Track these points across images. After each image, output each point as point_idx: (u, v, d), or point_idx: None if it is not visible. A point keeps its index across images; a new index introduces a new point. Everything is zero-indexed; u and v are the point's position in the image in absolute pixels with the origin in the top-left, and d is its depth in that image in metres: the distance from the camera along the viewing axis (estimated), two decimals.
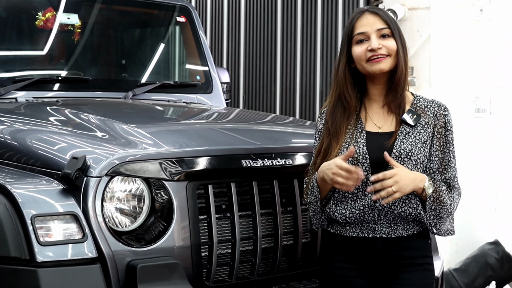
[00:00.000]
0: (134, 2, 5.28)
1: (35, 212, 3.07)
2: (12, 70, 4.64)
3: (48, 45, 4.83)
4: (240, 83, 8.44)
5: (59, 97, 4.56)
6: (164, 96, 4.98)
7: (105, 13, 5.18)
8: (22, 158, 3.51)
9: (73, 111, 4.07)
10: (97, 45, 5.11)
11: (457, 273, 6.16)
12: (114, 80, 5.15)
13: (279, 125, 4.53)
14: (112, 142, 3.48)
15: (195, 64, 5.48)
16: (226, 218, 3.50)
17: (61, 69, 4.88)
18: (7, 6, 4.77)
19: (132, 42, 5.40)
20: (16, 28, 4.81)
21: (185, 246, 3.34)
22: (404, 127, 3.11)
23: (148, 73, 5.24)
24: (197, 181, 3.40)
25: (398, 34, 3.12)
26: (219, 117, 4.58)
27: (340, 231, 3.17)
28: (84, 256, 3.10)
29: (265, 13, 8.14)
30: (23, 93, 4.46)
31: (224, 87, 5.48)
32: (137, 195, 3.31)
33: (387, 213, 3.08)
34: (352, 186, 2.97)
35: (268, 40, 8.12)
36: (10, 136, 3.69)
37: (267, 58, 8.16)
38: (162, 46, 5.43)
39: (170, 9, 5.43)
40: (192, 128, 4.07)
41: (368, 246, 3.12)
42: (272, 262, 3.64)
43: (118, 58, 5.33)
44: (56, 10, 4.82)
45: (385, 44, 3.09)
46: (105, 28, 5.20)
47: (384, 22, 3.12)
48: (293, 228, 3.69)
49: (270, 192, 3.63)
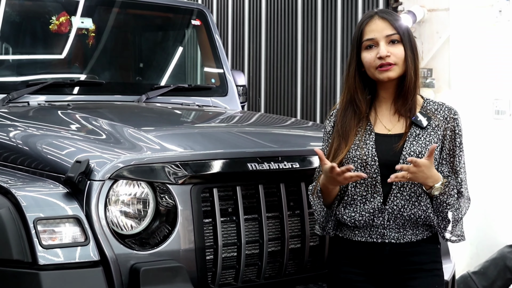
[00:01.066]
0: (148, 6, 5.29)
1: (37, 216, 3.09)
2: (26, 74, 4.67)
3: (62, 49, 4.86)
4: (261, 86, 8.44)
5: (73, 101, 4.59)
6: (179, 99, 4.99)
7: (119, 17, 5.20)
8: (29, 161, 3.53)
9: (82, 115, 4.09)
10: (111, 48, 5.13)
11: (476, 276, 6.10)
12: (128, 84, 5.16)
13: (288, 128, 4.51)
14: (117, 145, 3.49)
15: (210, 67, 5.48)
16: (232, 222, 3.50)
17: (74, 73, 4.91)
18: (21, 11, 4.81)
19: (147, 46, 5.42)
20: (30, 32, 4.85)
21: (189, 249, 3.34)
22: (414, 129, 3.09)
23: (162, 77, 5.26)
24: (202, 185, 3.40)
25: (408, 40, 3.09)
26: (229, 120, 4.58)
27: (348, 235, 3.16)
28: (86, 259, 3.11)
29: (286, 16, 8.13)
30: (37, 96, 4.49)
31: (240, 90, 5.47)
32: (141, 198, 3.32)
33: (397, 216, 3.06)
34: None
35: (289, 43, 8.11)
36: (17, 139, 3.72)
37: (288, 61, 8.14)
38: (177, 49, 5.45)
39: (185, 12, 5.44)
40: (199, 132, 4.07)
41: (377, 251, 3.10)
42: (279, 265, 3.62)
43: (133, 61, 5.35)
44: (70, 15, 4.84)
45: (393, 52, 3.06)
46: (119, 31, 5.22)
47: (393, 27, 3.08)
48: (300, 232, 3.68)
49: (276, 196, 3.62)
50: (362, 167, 3.06)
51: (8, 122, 4.00)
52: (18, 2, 4.79)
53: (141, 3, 5.29)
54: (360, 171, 3.05)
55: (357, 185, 3.10)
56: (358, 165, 3.07)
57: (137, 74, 5.32)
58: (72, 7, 4.90)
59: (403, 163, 3.02)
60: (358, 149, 3.08)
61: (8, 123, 3.99)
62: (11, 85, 4.53)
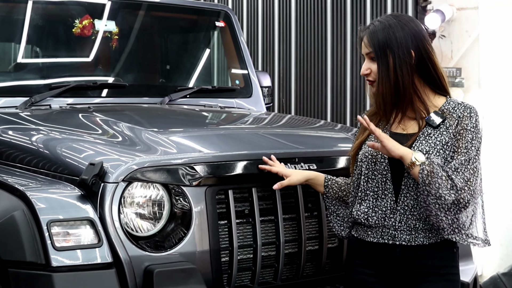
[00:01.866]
0: (172, 8, 5.30)
1: (51, 218, 3.11)
2: (49, 77, 4.71)
3: (85, 52, 4.90)
4: (292, 87, 8.42)
5: (95, 103, 4.61)
6: (202, 101, 4.99)
7: (143, 19, 5.21)
8: (47, 164, 3.55)
9: (102, 118, 4.11)
10: (134, 51, 5.15)
11: (505, 278, 6.02)
12: (151, 86, 5.18)
13: (307, 129, 4.49)
14: (132, 148, 3.51)
15: (234, 68, 5.48)
16: (248, 223, 3.49)
17: (97, 76, 4.94)
18: (44, 14, 4.84)
19: (171, 48, 5.43)
20: (53, 36, 4.89)
21: (203, 251, 3.34)
22: (426, 129, 3.07)
23: (186, 79, 5.27)
24: (217, 186, 3.40)
25: (383, 56, 3.07)
26: (248, 122, 4.57)
27: (362, 235, 3.16)
28: (99, 261, 3.12)
29: (316, 16, 8.10)
30: (60, 99, 4.51)
31: (265, 91, 5.46)
32: (155, 200, 3.32)
33: (408, 217, 3.03)
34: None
35: (319, 44, 8.08)
36: (36, 142, 3.75)
37: (318, 63, 8.12)
38: (201, 51, 5.45)
39: (209, 14, 5.45)
40: (216, 133, 4.06)
41: (388, 253, 3.09)
42: (296, 267, 3.61)
43: (156, 63, 5.36)
44: (93, 18, 4.87)
45: (373, 68, 3.11)
46: (143, 34, 5.24)
47: (368, 45, 3.12)
48: (318, 233, 3.66)
49: (294, 197, 3.60)
50: (373, 163, 3.11)
51: (28, 125, 4.03)
52: (41, 6, 4.82)
53: (165, 5, 5.31)
54: (371, 167, 3.10)
55: (369, 180, 3.12)
56: (369, 160, 3.11)
57: (161, 76, 5.34)
58: (95, 10, 4.93)
59: None
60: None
61: (28, 126, 4.02)
62: (33, 88, 4.56)
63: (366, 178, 3.12)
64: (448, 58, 6.69)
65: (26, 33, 4.71)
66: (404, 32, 3.07)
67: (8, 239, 3.15)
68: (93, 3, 4.98)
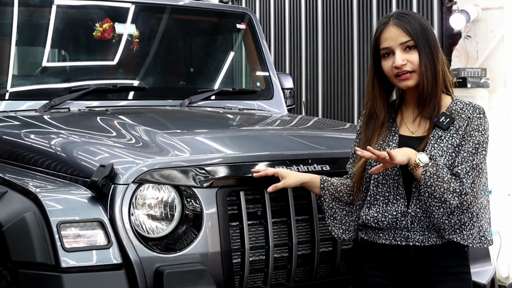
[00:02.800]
0: (192, 11, 5.32)
1: (61, 219, 3.13)
2: (69, 80, 4.75)
3: (106, 55, 4.95)
4: (319, 90, 8.40)
5: (115, 106, 4.64)
6: (223, 103, 4.99)
7: (163, 22, 5.24)
8: (60, 166, 3.58)
9: (118, 120, 4.14)
10: (155, 54, 5.16)
11: None
12: (171, 88, 5.20)
13: (323, 130, 4.48)
14: (144, 150, 3.52)
15: (255, 70, 5.48)
16: (260, 225, 3.49)
17: (117, 79, 4.97)
18: (65, 18, 4.89)
19: (191, 50, 5.45)
20: (73, 39, 4.93)
21: (215, 252, 3.34)
22: (436, 131, 3.03)
23: (206, 81, 5.28)
24: (228, 188, 3.40)
25: (425, 43, 3.03)
26: (262, 124, 4.57)
27: (373, 238, 3.14)
28: (108, 262, 3.14)
29: (342, 19, 8.08)
30: (80, 102, 4.56)
31: (287, 93, 5.45)
32: (166, 202, 3.33)
33: (420, 219, 3.01)
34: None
35: (345, 46, 8.06)
36: (52, 145, 3.78)
37: (345, 65, 8.10)
38: (222, 53, 5.46)
39: (230, 16, 5.46)
40: (229, 135, 4.05)
41: (401, 254, 3.06)
42: (310, 269, 3.60)
43: (177, 66, 5.39)
44: (114, 21, 4.91)
45: (410, 58, 3.03)
46: (163, 37, 5.25)
47: (407, 34, 3.03)
48: (330, 235, 3.63)
49: (306, 198, 3.59)
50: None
51: (45, 128, 4.07)
52: (62, 10, 4.87)
53: (185, 8, 5.33)
54: (382, 172, 3.06)
55: (379, 185, 3.09)
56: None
57: (181, 78, 5.36)
58: (116, 13, 4.96)
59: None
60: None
61: (45, 129, 4.06)
62: (54, 92, 4.61)
63: (376, 183, 3.09)
64: (473, 59, 6.63)
65: (47, 37, 4.76)
66: (431, 27, 3.08)
67: (18, 240, 3.18)
68: (113, 6, 5.01)
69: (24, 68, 4.98)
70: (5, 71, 4.64)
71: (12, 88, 4.60)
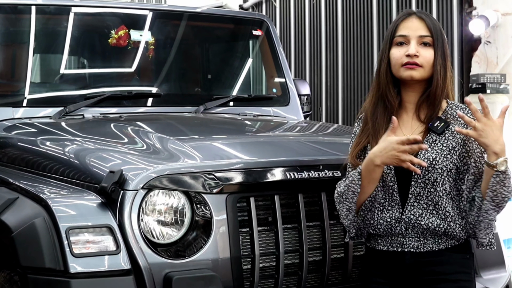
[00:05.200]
0: (209, 17, 5.34)
1: (70, 225, 3.15)
2: (84, 87, 4.79)
3: (121, 62, 4.97)
4: (339, 96, 8.39)
5: (130, 113, 4.66)
6: (238, 109, 4.99)
7: (179, 29, 5.25)
8: (72, 172, 3.60)
9: (131, 127, 4.15)
10: (171, 61, 5.18)
11: None
12: (186, 95, 5.20)
13: (335, 136, 4.45)
14: (154, 156, 3.53)
15: (272, 76, 5.47)
16: (271, 231, 3.48)
17: (133, 86, 4.99)
18: (81, 25, 4.92)
19: (207, 57, 5.46)
20: (89, 46, 4.96)
21: (224, 258, 3.33)
22: (431, 135, 3.02)
23: (222, 87, 5.29)
24: (238, 194, 3.40)
25: (441, 45, 3.03)
26: (275, 130, 4.56)
27: (373, 245, 3.15)
28: (117, 267, 3.14)
29: (362, 25, 8.07)
30: (95, 109, 4.58)
31: (304, 99, 5.44)
32: (176, 208, 3.33)
33: (414, 225, 3.00)
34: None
35: (365, 53, 8.05)
36: (65, 151, 3.80)
37: (365, 71, 8.08)
38: (238, 60, 5.46)
39: (246, 23, 5.46)
40: (241, 141, 4.04)
41: (397, 261, 3.06)
42: (321, 275, 3.58)
43: (192, 73, 5.40)
44: (129, 28, 4.93)
45: (423, 53, 3.02)
46: (179, 44, 5.27)
47: (428, 29, 3.03)
48: (342, 241, 3.62)
49: (318, 205, 3.57)
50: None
51: (58, 135, 4.10)
52: (78, 17, 4.90)
53: (201, 15, 5.35)
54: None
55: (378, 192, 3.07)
56: None
57: (196, 85, 5.36)
58: (131, 20, 4.99)
59: None
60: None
61: (59, 135, 4.08)
62: (69, 99, 4.64)
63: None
64: (493, 64, 6.58)
65: (63, 44, 4.81)
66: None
67: (28, 246, 3.20)
68: (129, 14, 5.04)
69: (41, 75, 5.03)
70: (22, 78, 4.69)
71: (29, 95, 4.64)
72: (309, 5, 8.71)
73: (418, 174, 2.95)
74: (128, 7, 5.14)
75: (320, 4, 8.54)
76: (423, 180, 2.97)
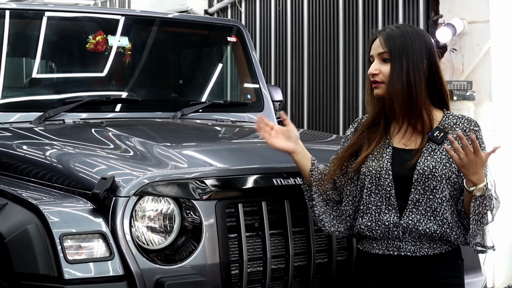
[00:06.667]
0: (184, 23, 5.37)
1: (64, 231, 3.16)
2: (63, 92, 4.79)
3: (99, 67, 4.97)
4: (304, 102, 8.46)
5: (108, 118, 4.67)
6: (214, 115, 5.04)
7: (155, 35, 5.28)
8: (60, 178, 3.61)
9: (114, 132, 4.17)
10: (147, 66, 5.21)
11: None
12: (164, 101, 5.24)
13: (317, 143, 4.53)
14: (143, 162, 3.56)
15: (246, 83, 5.53)
16: (258, 236, 3.53)
17: (111, 91, 5.01)
18: (58, 30, 4.92)
19: (183, 63, 5.50)
20: (67, 51, 4.96)
21: (214, 264, 3.38)
22: (430, 144, 3.10)
23: (198, 93, 5.32)
24: (227, 200, 3.44)
25: (399, 58, 3.10)
26: (258, 136, 4.60)
27: (367, 248, 3.20)
28: (111, 273, 3.17)
29: (328, 31, 8.15)
30: (73, 114, 4.58)
31: (277, 105, 5.51)
32: (166, 214, 3.37)
33: (412, 230, 3.07)
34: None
35: (331, 58, 8.13)
36: (49, 157, 3.81)
37: (330, 77, 8.16)
38: (213, 66, 5.51)
39: (221, 29, 5.51)
40: (226, 148, 4.11)
41: (393, 264, 3.12)
42: (306, 280, 3.64)
43: (169, 78, 5.43)
44: (107, 33, 4.94)
45: (383, 70, 3.13)
46: (155, 49, 5.30)
47: (384, 46, 3.13)
48: (327, 246, 3.69)
49: (303, 210, 3.64)
50: (377, 178, 3.11)
51: (42, 140, 4.10)
52: (55, 22, 4.90)
53: (177, 21, 5.39)
54: (375, 183, 3.12)
55: (371, 194, 3.14)
56: (373, 175, 3.12)
57: (173, 91, 5.40)
58: (109, 26, 5.00)
59: (417, 178, 3.04)
60: (375, 160, 3.13)
61: (42, 140, 4.09)
62: (47, 103, 4.64)
63: (369, 192, 3.15)
64: (459, 72, 6.72)
65: (40, 48, 4.79)
66: (420, 42, 3.12)
67: (21, 252, 3.21)
68: (106, 19, 5.06)
69: (17, 80, 5.00)
70: None
71: (3, 99, 4.61)
72: (275, 10, 8.78)
73: (418, 181, 3.03)
74: (104, 12, 5.18)
75: (286, 10, 8.60)
76: (422, 187, 3.05)
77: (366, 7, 7.70)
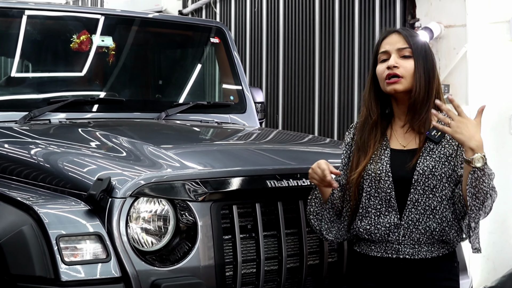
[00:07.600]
0: (168, 24, 5.36)
1: (60, 232, 3.14)
2: (47, 92, 4.74)
3: (83, 67, 4.93)
4: (279, 103, 8.48)
5: (93, 118, 4.65)
6: (198, 116, 5.03)
7: (139, 35, 5.27)
8: (50, 179, 3.58)
9: (103, 133, 4.15)
10: (131, 66, 5.20)
11: None
12: (148, 101, 5.24)
13: (306, 145, 4.55)
14: (137, 163, 3.55)
15: (229, 84, 5.53)
16: (251, 238, 3.53)
17: (95, 91, 4.98)
18: (42, 29, 4.88)
19: (166, 64, 5.49)
20: (51, 51, 4.92)
21: (209, 265, 3.37)
22: (428, 144, 3.11)
23: (181, 94, 5.31)
24: (222, 202, 3.44)
25: (422, 56, 3.13)
26: (248, 138, 4.62)
27: (365, 250, 3.21)
28: (108, 275, 3.15)
29: (304, 32, 8.17)
30: (58, 114, 4.55)
31: (258, 107, 5.52)
32: (161, 215, 3.36)
33: (412, 231, 3.09)
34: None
35: (307, 60, 8.15)
36: (39, 157, 3.77)
37: (306, 78, 8.18)
38: (196, 67, 5.50)
39: (204, 30, 5.51)
40: (218, 149, 4.11)
41: (392, 267, 3.14)
42: (298, 281, 3.65)
43: (152, 79, 5.42)
44: (91, 33, 4.91)
45: (403, 64, 3.12)
46: (139, 50, 5.29)
47: (406, 42, 3.14)
48: (319, 248, 3.71)
49: (296, 212, 3.65)
50: (376, 181, 3.12)
51: (29, 140, 4.06)
52: (39, 21, 4.86)
53: (161, 22, 5.38)
54: (374, 186, 3.12)
55: (371, 198, 3.15)
56: (372, 178, 3.13)
57: (157, 91, 5.39)
58: (93, 25, 4.97)
59: (417, 179, 3.06)
60: (373, 163, 3.14)
61: (30, 140, 4.05)
62: (32, 103, 4.60)
63: (368, 195, 3.16)
64: None
65: (24, 48, 4.75)
66: (429, 46, 3.20)
67: (17, 254, 3.18)
68: (90, 18, 5.02)
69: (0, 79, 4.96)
70: None
71: None
72: (250, 11, 8.78)
73: (418, 181, 3.05)
74: (89, 12, 5.14)
75: (262, 11, 8.61)
76: (422, 187, 3.06)
77: (343, 10, 7.73)
